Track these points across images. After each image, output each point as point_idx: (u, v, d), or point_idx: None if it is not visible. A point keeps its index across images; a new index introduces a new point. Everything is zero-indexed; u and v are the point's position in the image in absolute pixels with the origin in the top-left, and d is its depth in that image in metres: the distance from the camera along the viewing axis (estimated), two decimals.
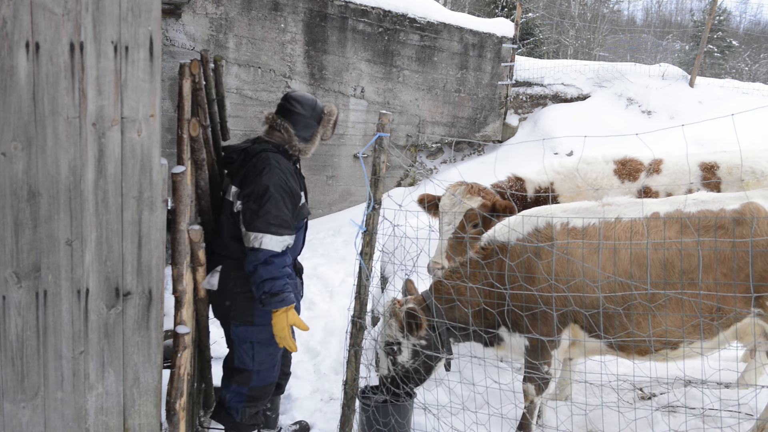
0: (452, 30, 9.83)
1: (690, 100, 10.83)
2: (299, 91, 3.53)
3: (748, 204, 3.17)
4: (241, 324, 3.32)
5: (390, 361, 3.58)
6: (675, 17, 35.41)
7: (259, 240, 3.10)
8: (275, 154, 3.31)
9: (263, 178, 3.17)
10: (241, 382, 3.38)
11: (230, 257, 3.28)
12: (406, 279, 3.83)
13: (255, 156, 3.28)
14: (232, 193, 3.27)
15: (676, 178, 4.49)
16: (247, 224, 3.14)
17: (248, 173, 3.24)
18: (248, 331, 3.32)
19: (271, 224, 3.13)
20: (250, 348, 3.35)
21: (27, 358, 2.42)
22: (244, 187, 3.21)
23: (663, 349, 3.24)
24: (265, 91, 8.25)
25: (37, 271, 2.37)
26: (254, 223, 3.12)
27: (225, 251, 3.29)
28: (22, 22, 2.19)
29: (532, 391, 3.46)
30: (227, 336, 3.44)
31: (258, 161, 3.24)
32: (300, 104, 3.42)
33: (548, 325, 3.30)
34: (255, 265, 3.11)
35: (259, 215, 3.12)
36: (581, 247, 3.25)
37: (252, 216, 3.13)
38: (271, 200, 3.15)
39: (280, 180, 3.20)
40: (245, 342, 3.34)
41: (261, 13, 8.00)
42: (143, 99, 2.38)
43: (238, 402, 3.40)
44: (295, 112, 3.40)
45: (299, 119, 3.40)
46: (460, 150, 10.84)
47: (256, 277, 3.11)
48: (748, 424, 3.55)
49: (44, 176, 2.31)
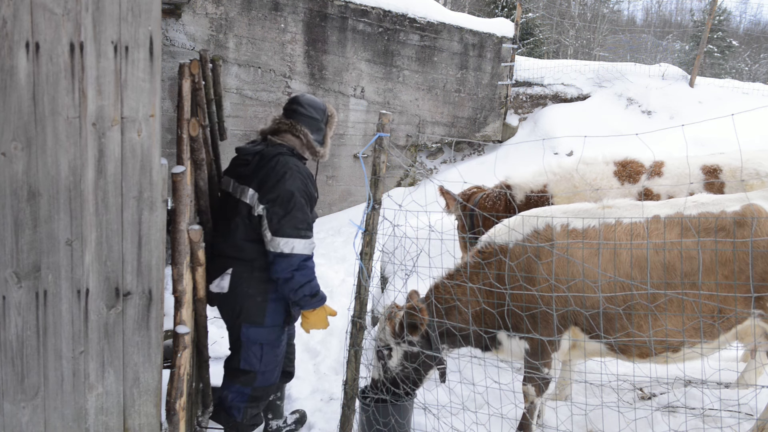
0: (452, 30, 9.83)
1: (690, 100, 10.83)
2: (305, 94, 3.58)
3: (749, 205, 3.17)
4: (252, 325, 3.32)
5: (381, 365, 3.58)
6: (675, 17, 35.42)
7: (290, 246, 3.14)
8: (292, 157, 3.32)
9: (287, 183, 3.18)
10: (246, 382, 3.39)
11: (242, 259, 3.27)
12: (411, 291, 3.82)
13: (272, 159, 3.26)
14: (249, 195, 3.24)
15: (678, 181, 4.47)
16: (275, 230, 3.15)
17: (268, 177, 3.22)
18: (258, 333, 3.33)
19: (299, 229, 3.17)
20: (259, 350, 3.35)
21: (27, 358, 2.42)
22: (267, 192, 3.20)
23: (664, 352, 3.24)
24: (265, 91, 8.25)
25: (37, 271, 2.37)
26: (283, 228, 3.14)
27: (238, 253, 3.27)
28: (22, 22, 2.18)
29: (532, 392, 3.45)
30: (234, 338, 3.43)
31: (278, 165, 3.23)
32: (314, 108, 3.46)
33: (548, 327, 3.30)
34: (291, 271, 3.15)
35: (287, 221, 3.15)
36: (581, 248, 3.25)
37: (279, 221, 3.15)
38: (297, 205, 3.17)
39: (302, 184, 3.24)
40: (254, 344, 3.34)
41: (261, 13, 8.00)
42: (143, 99, 2.38)
43: (240, 402, 3.40)
44: (310, 116, 3.43)
45: (313, 123, 3.44)
46: (460, 150, 10.84)
47: (293, 283, 3.17)
48: (748, 424, 3.55)
49: (44, 176, 2.31)
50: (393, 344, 3.53)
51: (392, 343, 3.53)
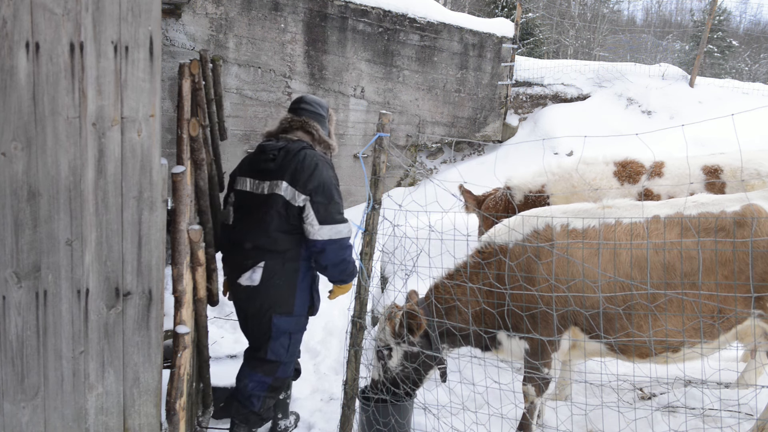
0: (452, 30, 9.83)
1: (690, 100, 10.83)
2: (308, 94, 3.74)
3: (749, 205, 3.17)
4: (282, 315, 3.42)
5: (381, 365, 3.59)
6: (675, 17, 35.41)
7: (337, 231, 3.32)
8: (315, 150, 3.47)
9: (323, 174, 3.35)
10: (268, 372, 3.48)
11: (276, 251, 3.37)
12: (410, 291, 3.83)
13: (298, 153, 3.39)
14: (284, 188, 3.34)
15: (679, 181, 4.47)
16: (322, 219, 3.31)
17: (301, 169, 3.34)
18: (288, 322, 3.44)
19: (341, 214, 3.38)
20: (287, 339, 3.47)
21: (27, 358, 2.42)
22: (305, 183, 3.32)
23: (664, 352, 3.24)
24: (265, 91, 8.25)
25: (37, 271, 2.37)
26: (330, 216, 3.33)
27: (272, 245, 3.37)
28: (22, 22, 2.19)
29: (532, 392, 3.45)
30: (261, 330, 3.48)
31: (306, 158, 3.37)
32: (319, 106, 3.63)
33: (548, 327, 3.30)
34: (340, 255, 3.33)
35: (332, 208, 3.34)
36: (581, 248, 3.25)
37: (326, 210, 3.32)
38: (335, 192, 3.39)
39: (333, 173, 3.45)
40: (283, 334, 3.45)
41: (261, 13, 8.00)
42: (143, 99, 2.38)
43: (261, 390, 3.48)
44: (317, 113, 3.59)
45: (321, 119, 3.60)
46: (460, 150, 10.83)
47: (343, 265, 3.36)
48: (748, 424, 3.55)
49: (44, 176, 2.31)
50: (393, 344, 3.53)
51: (392, 343, 3.53)
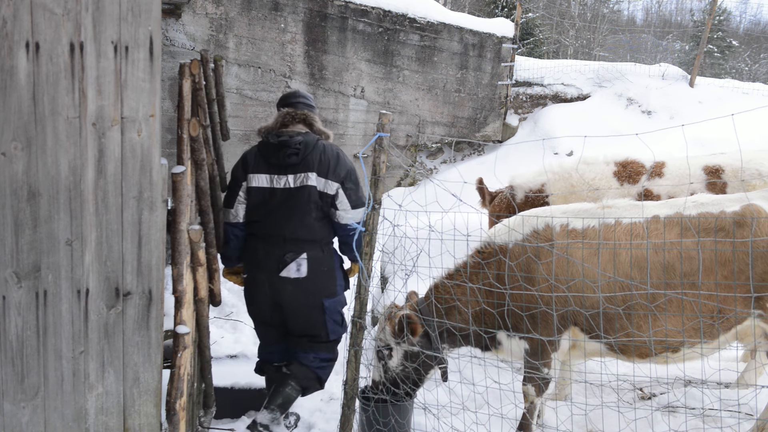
0: (452, 30, 9.83)
1: (690, 100, 10.83)
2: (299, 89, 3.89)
3: (748, 206, 3.17)
4: (330, 297, 3.67)
5: (382, 366, 3.59)
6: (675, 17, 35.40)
7: (362, 212, 3.53)
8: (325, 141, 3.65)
9: (347, 161, 3.63)
10: (331, 349, 3.77)
11: (314, 240, 3.59)
12: (410, 291, 3.84)
13: (317, 145, 3.60)
14: (314, 178, 3.54)
15: (679, 182, 4.47)
16: (355, 203, 3.60)
17: (326, 160, 3.57)
18: (337, 302, 3.72)
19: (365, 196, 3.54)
20: (340, 316, 3.74)
21: (27, 358, 2.42)
22: (334, 172, 3.55)
23: (664, 352, 3.24)
24: (265, 91, 8.25)
25: (37, 271, 2.37)
26: (360, 200, 3.62)
27: (311, 235, 3.57)
28: (22, 22, 2.19)
29: (532, 392, 3.45)
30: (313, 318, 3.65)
31: (327, 148, 3.61)
32: (310, 99, 3.80)
33: (548, 327, 3.30)
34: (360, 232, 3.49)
35: (360, 192, 3.63)
36: (581, 248, 3.25)
37: (356, 195, 3.62)
38: (358, 178, 3.65)
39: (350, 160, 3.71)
40: (336, 313, 3.71)
41: (261, 13, 8.00)
42: (143, 99, 2.38)
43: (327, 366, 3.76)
44: (312, 106, 3.79)
45: (315, 112, 3.78)
46: (460, 150, 10.83)
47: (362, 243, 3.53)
48: (748, 424, 3.54)
49: (44, 176, 2.31)
50: (393, 344, 3.53)
51: (392, 343, 3.53)
